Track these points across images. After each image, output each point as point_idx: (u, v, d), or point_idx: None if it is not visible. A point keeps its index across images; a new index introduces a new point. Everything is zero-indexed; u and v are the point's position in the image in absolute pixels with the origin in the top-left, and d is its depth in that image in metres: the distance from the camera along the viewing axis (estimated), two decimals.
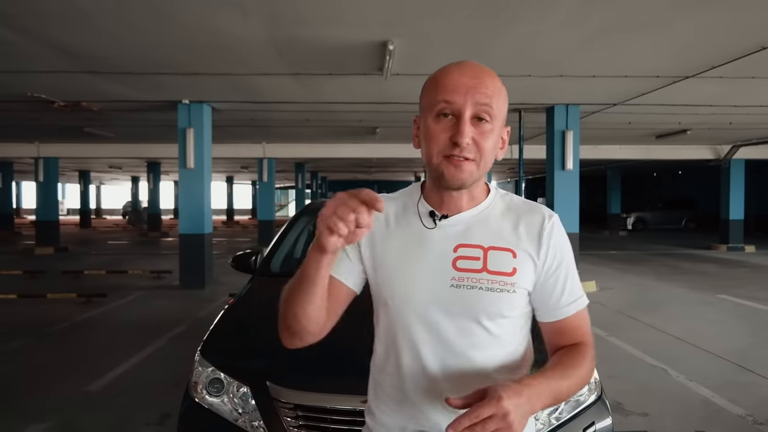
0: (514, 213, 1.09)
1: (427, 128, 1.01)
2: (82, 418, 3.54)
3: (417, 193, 1.12)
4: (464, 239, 1.04)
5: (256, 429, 1.91)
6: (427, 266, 1.03)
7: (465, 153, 0.97)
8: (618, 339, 5.45)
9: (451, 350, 1.03)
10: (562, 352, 1.08)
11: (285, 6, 4.51)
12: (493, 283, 1.01)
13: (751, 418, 3.53)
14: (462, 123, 0.96)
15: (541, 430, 1.92)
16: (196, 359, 2.17)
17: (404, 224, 1.08)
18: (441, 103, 0.97)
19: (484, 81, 0.98)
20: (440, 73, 1.02)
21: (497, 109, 1.00)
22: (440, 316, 1.02)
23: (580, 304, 1.09)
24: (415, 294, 1.03)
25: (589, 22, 4.88)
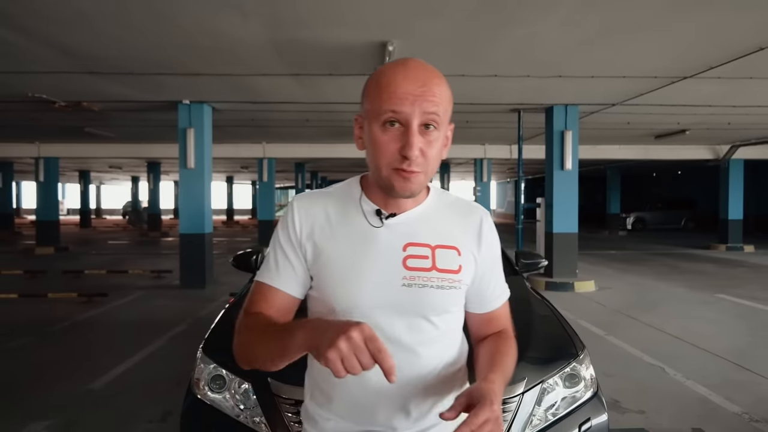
0: (454, 211, 1.12)
1: (373, 137, 0.98)
2: (84, 415, 3.57)
3: (357, 189, 1.09)
4: (412, 238, 1.04)
5: (258, 425, 1.94)
6: (377, 265, 1.02)
7: (413, 166, 0.96)
8: (616, 338, 5.48)
9: (400, 348, 1.02)
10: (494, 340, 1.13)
11: (285, 8, 4.54)
12: (442, 281, 1.03)
13: (747, 416, 3.56)
14: (410, 134, 0.94)
15: (538, 425, 1.95)
16: (198, 356, 2.20)
17: (348, 223, 1.06)
18: (388, 113, 0.94)
19: (431, 88, 0.95)
20: (385, 76, 0.97)
21: (444, 113, 0.98)
22: (391, 314, 1.02)
23: (506, 295, 1.18)
24: (367, 294, 1.01)
25: (587, 23, 4.91)
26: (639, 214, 23.72)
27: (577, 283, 8.56)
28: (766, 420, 3.48)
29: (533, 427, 1.94)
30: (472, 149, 15.47)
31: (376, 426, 1.04)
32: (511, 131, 10.70)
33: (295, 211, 1.08)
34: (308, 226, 1.06)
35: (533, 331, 2.40)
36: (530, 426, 1.93)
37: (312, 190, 1.14)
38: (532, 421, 1.94)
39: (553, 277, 8.83)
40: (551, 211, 9.01)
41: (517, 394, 1.92)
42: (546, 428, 1.96)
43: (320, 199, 1.10)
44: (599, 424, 2.05)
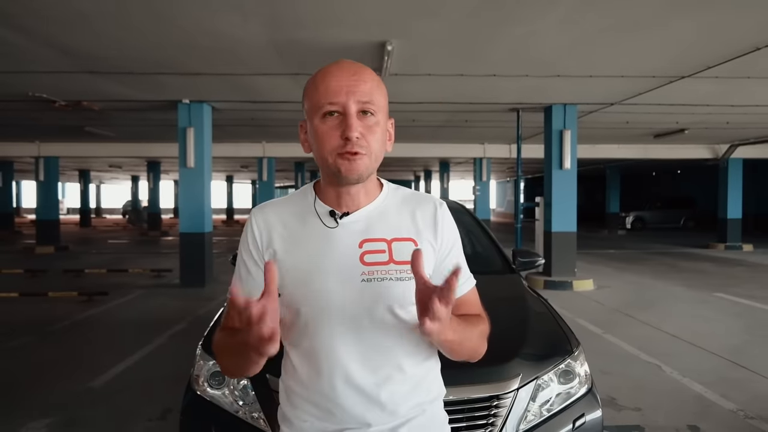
0: (408, 204, 1.14)
1: (315, 129, 1.03)
2: (85, 413, 3.60)
3: (310, 194, 1.13)
4: (367, 234, 1.07)
5: (257, 420, 1.96)
6: (335, 265, 1.04)
7: (356, 147, 1.00)
8: (613, 336, 5.51)
9: (367, 342, 1.04)
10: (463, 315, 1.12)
11: (284, 8, 4.57)
12: (401, 273, 1.05)
13: (742, 413, 3.59)
14: (349, 117, 0.99)
15: (532, 421, 1.98)
16: (198, 353, 2.23)
17: (304, 228, 1.08)
18: (325, 105, 1.00)
19: (362, 77, 1.02)
20: (319, 76, 1.04)
21: (378, 103, 1.03)
22: (354, 312, 1.04)
23: (470, 283, 1.17)
24: (329, 295, 1.03)
25: (585, 22, 4.93)
26: (638, 214, 23.75)
27: (575, 282, 8.59)
28: (762, 417, 3.51)
29: (528, 422, 1.97)
30: (471, 149, 15.48)
31: (351, 423, 1.05)
32: (510, 130, 10.73)
33: (254, 222, 1.12)
34: (267, 236, 1.10)
35: (528, 328, 2.43)
36: (525, 421, 1.96)
37: (270, 200, 1.18)
38: (527, 417, 1.97)
39: (551, 276, 8.86)
40: (550, 210, 9.04)
41: (512, 390, 1.95)
42: (540, 424, 1.99)
43: (277, 208, 1.14)
44: (593, 420, 2.08)
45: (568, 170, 8.89)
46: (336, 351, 1.05)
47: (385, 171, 28.39)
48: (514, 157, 10.28)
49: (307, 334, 1.07)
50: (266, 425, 1.94)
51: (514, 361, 2.05)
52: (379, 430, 1.06)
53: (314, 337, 1.06)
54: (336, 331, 1.04)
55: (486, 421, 1.89)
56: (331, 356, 1.05)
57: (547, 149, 9.16)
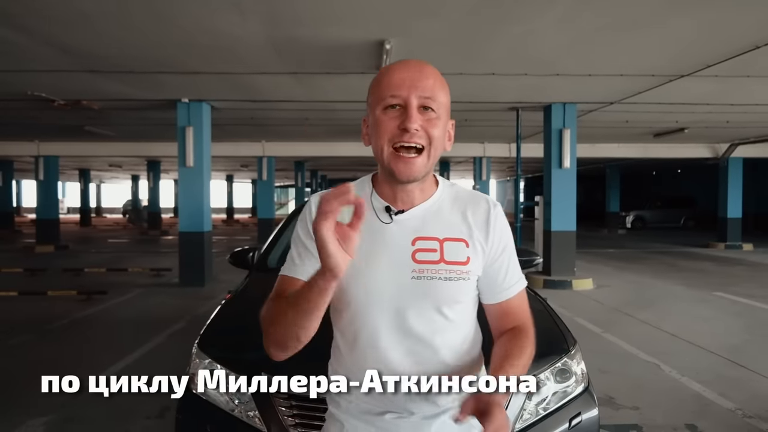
0: (462, 203, 1.14)
1: (376, 120, 1.04)
2: (83, 412, 3.60)
3: (368, 186, 1.14)
4: (421, 232, 1.09)
5: (252, 419, 1.96)
6: (387, 261, 1.07)
7: (415, 138, 1.01)
8: (612, 335, 5.51)
9: (413, 338, 1.08)
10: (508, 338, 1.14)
11: (283, 6, 4.56)
12: (450, 273, 1.07)
13: (740, 411, 3.59)
14: (410, 108, 1.01)
15: (528, 419, 1.97)
16: (194, 351, 2.23)
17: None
18: (387, 98, 1.02)
19: (426, 74, 1.04)
20: (384, 71, 1.06)
21: (440, 101, 1.05)
22: (403, 307, 1.07)
23: (520, 285, 1.18)
24: (379, 289, 1.06)
25: (584, 21, 4.93)
26: (638, 213, 23.73)
27: (575, 281, 8.59)
28: (760, 416, 3.51)
29: (524, 421, 1.96)
30: (471, 148, 15.48)
31: (394, 408, 1.10)
32: (509, 130, 10.71)
33: (313, 207, 1.12)
34: None
35: None
36: (521, 420, 1.95)
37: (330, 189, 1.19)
38: (523, 416, 1.96)
39: (551, 275, 8.86)
40: (549, 210, 9.03)
41: None
42: (537, 422, 1.98)
43: None
44: (590, 419, 2.08)
45: (567, 169, 8.88)
46: (381, 342, 1.08)
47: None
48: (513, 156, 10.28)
49: (355, 323, 1.10)
50: (261, 424, 1.94)
51: None
52: (421, 416, 1.10)
53: (362, 327, 1.09)
54: (382, 323, 1.08)
55: None
56: (376, 347, 1.08)
57: (546, 148, 9.15)
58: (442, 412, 1.10)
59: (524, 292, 1.20)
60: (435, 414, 1.10)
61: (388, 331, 1.08)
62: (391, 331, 1.08)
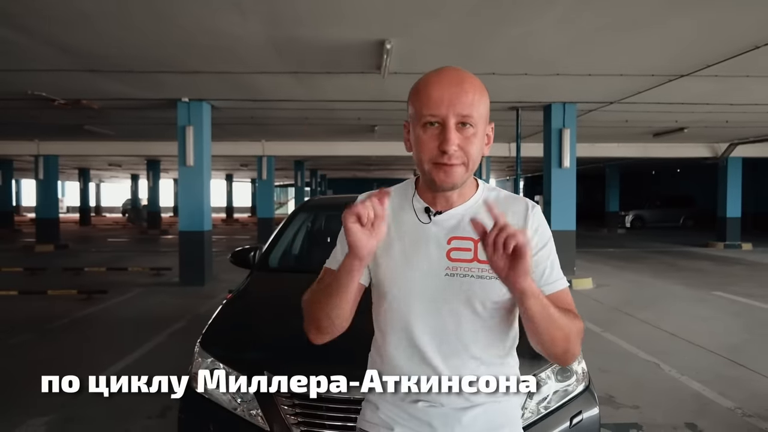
0: (501, 205, 1.17)
1: (416, 137, 1.09)
2: (84, 411, 3.60)
3: (411, 189, 1.21)
4: (456, 232, 1.13)
5: (254, 417, 1.97)
6: (423, 258, 1.12)
7: (453, 159, 1.06)
8: (612, 335, 5.52)
9: (445, 333, 1.12)
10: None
11: (283, 5, 4.57)
12: (483, 271, 1.10)
13: (740, 411, 3.60)
14: (447, 131, 1.05)
15: (530, 418, 1.98)
16: (196, 350, 2.24)
17: (401, 220, 1.17)
18: (426, 116, 1.06)
19: (464, 88, 1.06)
20: (423, 85, 1.09)
21: (479, 114, 1.08)
22: (436, 302, 1.11)
23: (561, 284, 1.18)
24: (414, 284, 1.12)
25: (584, 21, 4.93)
26: (638, 212, 23.74)
27: (575, 280, 8.60)
28: (759, 415, 3.52)
29: (525, 420, 1.97)
30: None
31: (425, 398, 1.13)
32: (509, 129, 10.71)
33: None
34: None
35: None
36: (522, 419, 1.96)
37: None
38: (524, 414, 1.97)
39: None
40: (549, 209, 9.04)
41: None
42: (538, 421, 1.99)
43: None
44: (590, 418, 2.09)
45: (567, 169, 8.89)
46: (415, 335, 1.13)
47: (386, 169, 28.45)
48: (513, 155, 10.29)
49: (390, 317, 1.16)
50: (264, 423, 1.94)
51: None
52: (451, 408, 1.13)
53: (396, 321, 1.15)
54: (417, 317, 1.13)
55: None
56: (411, 339, 1.13)
57: (546, 148, 9.16)
58: (474, 406, 1.13)
59: (567, 291, 1.19)
60: (466, 407, 1.13)
61: (420, 325, 1.12)
62: (424, 326, 1.12)
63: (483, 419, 1.14)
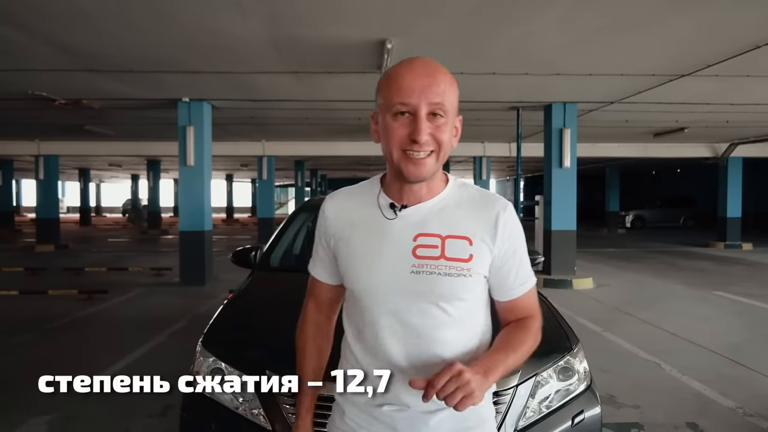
0: (471, 203, 1.15)
1: (386, 125, 1.07)
2: (84, 410, 3.60)
3: (377, 186, 1.19)
4: (423, 229, 1.11)
5: (256, 416, 1.97)
6: (388, 255, 1.10)
7: (424, 148, 1.05)
8: (613, 334, 5.52)
9: (411, 332, 1.10)
10: (510, 327, 1.17)
11: (284, 5, 4.57)
12: (450, 269, 1.08)
13: (741, 410, 3.60)
14: (418, 121, 1.03)
15: (532, 417, 1.98)
16: (198, 350, 2.23)
17: (367, 217, 1.15)
18: (397, 105, 1.04)
19: (436, 80, 1.05)
20: (394, 73, 1.07)
21: (449, 104, 1.06)
22: (401, 300, 1.09)
23: (530, 283, 1.20)
24: (378, 281, 1.10)
25: (584, 21, 4.93)
26: (638, 212, 23.74)
27: (575, 280, 8.60)
28: (760, 414, 3.52)
29: (527, 419, 1.97)
30: (471, 147, 15.48)
31: (391, 401, 1.11)
32: (510, 129, 10.72)
33: (326, 209, 1.23)
34: (336, 222, 1.20)
35: None
36: (524, 418, 1.96)
37: (342, 188, 1.27)
38: (526, 414, 1.97)
39: (551, 274, 8.87)
40: (550, 209, 9.04)
41: (511, 387, 1.95)
42: (539, 420, 1.99)
43: (346, 197, 1.23)
44: (592, 417, 2.08)
45: (567, 169, 8.89)
46: (381, 335, 1.11)
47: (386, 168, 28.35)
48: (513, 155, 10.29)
49: (359, 316, 1.16)
50: (266, 422, 1.94)
51: None
52: (417, 411, 1.10)
53: (364, 320, 1.14)
54: (382, 316, 1.11)
55: None
56: (376, 339, 1.12)
57: (546, 148, 9.16)
58: (441, 409, 1.10)
59: (534, 290, 1.21)
60: (433, 410, 1.10)
61: (388, 324, 1.11)
62: (391, 325, 1.10)
63: (451, 421, 1.11)
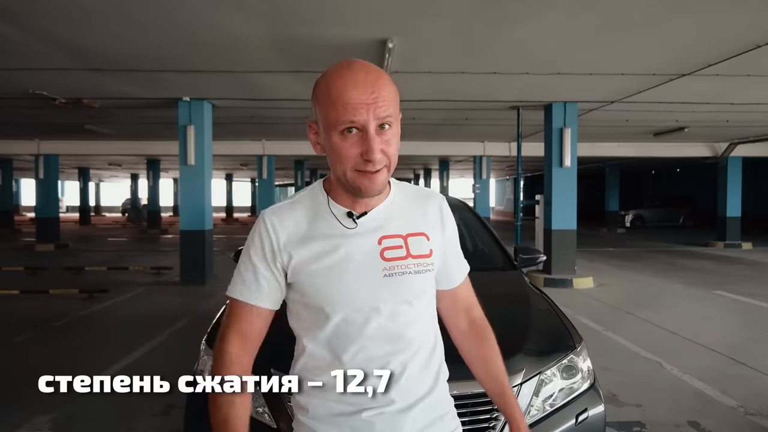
0: (416, 200, 1.20)
1: (334, 145, 1.03)
2: (87, 409, 3.61)
3: (322, 195, 1.14)
4: (385, 231, 1.11)
5: (261, 415, 1.97)
6: (358, 263, 1.07)
7: (377, 166, 1.02)
8: (614, 334, 5.53)
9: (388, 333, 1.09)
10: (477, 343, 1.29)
11: (286, 4, 4.57)
12: (418, 266, 1.12)
13: (742, 409, 3.61)
14: (370, 140, 0.99)
15: (536, 416, 1.99)
16: (202, 348, 2.24)
17: (323, 229, 1.10)
18: (346, 123, 1.00)
19: (381, 92, 1.00)
20: (334, 88, 1.02)
21: (394, 111, 1.04)
22: (377, 305, 1.08)
23: (466, 269, 1.31)
24: (353, 291, 1.07)
25: (585, 21, 4.94)
26: (638, 212, 23.77)
27: (575, 279, 8.60)
28: (761, 413, 3.53)
29: (531, 417, 1.98)
30: (471, 147, 15.48)
31: (370, 404, 1.08)
32: (510, 128, 10.73)
33: (268, 224, 1.11)
34: (283, 238, 1.09)
35: (531, 324, 2.44)
36: (528, 416, 1.97)
37: (279, 203, 1.17)
38: (530, 412, 1.98)
39: (551, 273, 8.87)
40: (550, 208, 9.05)
41: (516, 385, 1.96)
42: (544, 419, 2.00)
43: (290, 211, 1.13)
44: (596, 415, 2.09)
45: (568, 168, 8.89)
46: (357, 342, 1.08)
47: None
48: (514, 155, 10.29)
49: (330, 329, 1.09)
50: (271, 420, 1.94)
51: (518, 356, 2.06)
52: (397, 408, 1.09)
53: (337, 331, 1.08)
54: (358, 324, 1.08)
55: (489, 415, 1.90)
56: (353, 346, 1.08)
57: (547, 147, 9.17)
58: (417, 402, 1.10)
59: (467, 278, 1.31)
60: (411, 404, 1.10)
61: (364, 330, 1.07)
62: (368, 331, 1.07)
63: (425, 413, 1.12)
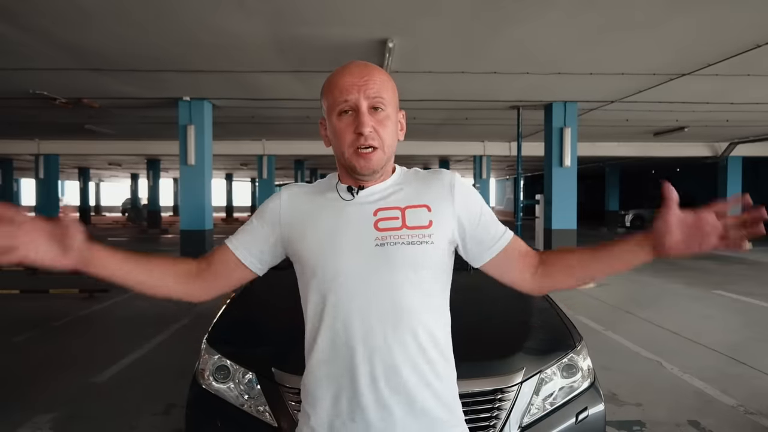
0: (423, 179, 1.22)
1: (333, 127, 1.14)
2: (89, 408, 3.62)
3: (334, 179, 1.23)
4: (382, 203, 1.15)
5: (262, 413, 1.98)
6: (351, 232, 1.11)
7: (369, 141, 1.10)
8: (614, 333, 5.53)
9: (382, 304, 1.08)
10: (566, 258, 1.21)
11: (286, 4, 4.57)
12: (412, 237, 1.10)
13: (742, 408, 3.62)
14: (361, 115, 1.09)
15: (536, 414, 1.99)
16: (203, 347, 2.24)
17: (325, 202, 1.18)
18: (340, 103, 1.11)
19: (371, 77, 1.11)
20: (333, 77, 1.14)
21: (388, 98, 1.13)
22: (370, 275, 1.09)
23: (509, 234, 1.22)
24: (345, 259, 1.10)
25: (585, 21, 4.94)
26: (638, 212, 23.71)
27: None
28: (762, 412, 3.54)
29: (531, 416, 1.98)
30: (471, 146, 15.48)
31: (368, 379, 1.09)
32: (510, 128, 10.73)
33: (281, 195, 1.23)
34: (291, 210, 1.19)
35: (532, 323, 2.45)
36: (528, 415, 1.97)
37: (299, 183, 1.29)
38: (530, 410, 1.98)
39: None
40: (550, 208, 9.05)
41: (516, 384, 1.96)
42: (544, 417, 2.00)
43: (304, 190, 1.24)
44: (596, 414, 2.10)
45: (568, 168, 8.90)
46: (353, 312, 1.09)
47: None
48: (514, 154, 10.29)
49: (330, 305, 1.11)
50: (272, 418, 1.95)
51: (518, 355, 2.07)
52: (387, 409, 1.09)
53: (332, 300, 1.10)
54: (352, 293, 1.09)
55: (490, 414, 1.91)
56: (349, 317, 1.09)
57: (547, 147, 9.17)
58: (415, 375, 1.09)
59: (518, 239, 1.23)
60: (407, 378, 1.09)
61: (359, 300, 1.09)
62: (363, 300, 1.08)
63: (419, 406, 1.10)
